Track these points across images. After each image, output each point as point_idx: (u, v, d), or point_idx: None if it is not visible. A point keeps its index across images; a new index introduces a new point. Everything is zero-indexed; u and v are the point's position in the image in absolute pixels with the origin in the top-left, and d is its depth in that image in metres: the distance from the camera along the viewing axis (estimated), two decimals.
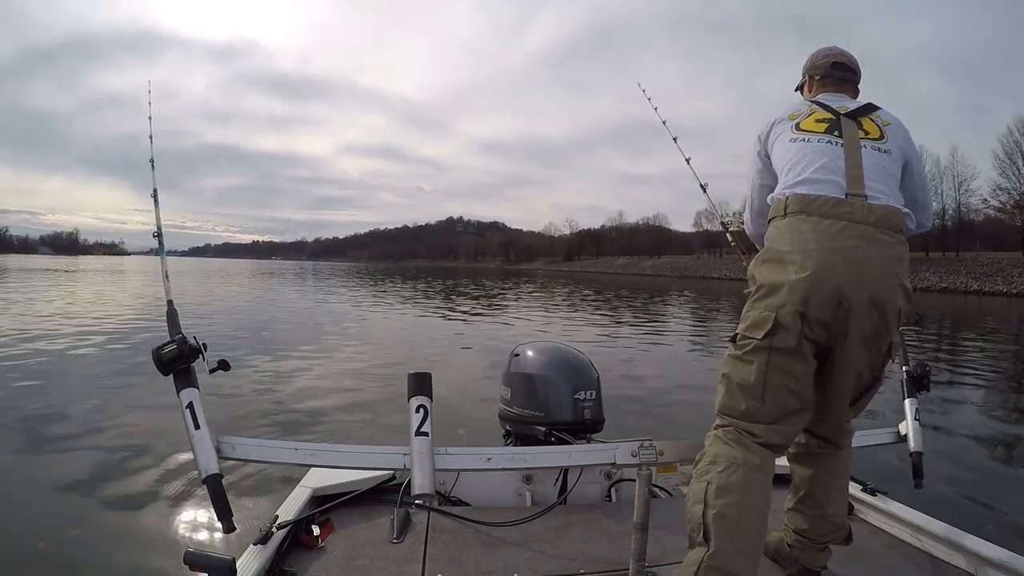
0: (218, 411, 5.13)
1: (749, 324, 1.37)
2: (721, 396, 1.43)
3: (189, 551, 1.28)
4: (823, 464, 1.55)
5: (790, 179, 1.45)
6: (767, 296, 1.36)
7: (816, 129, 1.50)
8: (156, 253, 1.89)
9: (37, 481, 3.56)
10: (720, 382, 1.45)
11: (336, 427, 4.93)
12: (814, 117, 1.53)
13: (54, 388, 5.95)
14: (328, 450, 1.57)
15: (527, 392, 2.17)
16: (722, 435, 1.39)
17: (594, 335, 11.74)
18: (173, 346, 1.46)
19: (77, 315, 12.41)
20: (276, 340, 9.91)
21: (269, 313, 15.20)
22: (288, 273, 53.10)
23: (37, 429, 4.57)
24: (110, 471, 3.77)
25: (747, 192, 1.74)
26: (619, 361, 8.46)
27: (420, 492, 1.43)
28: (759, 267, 1.42)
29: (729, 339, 1.44)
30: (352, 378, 6.81)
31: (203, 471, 1.37)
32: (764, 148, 1.63)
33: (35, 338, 8.94)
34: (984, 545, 1.62)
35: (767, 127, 1.61)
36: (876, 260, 1.32)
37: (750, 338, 1.36)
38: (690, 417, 5.53)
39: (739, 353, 1.39)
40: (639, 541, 1.43)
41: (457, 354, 9.31)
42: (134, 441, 4.31)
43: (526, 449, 1.85)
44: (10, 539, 2.85)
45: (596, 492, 2.14)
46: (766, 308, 1.34)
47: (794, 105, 1.63)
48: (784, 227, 1.40)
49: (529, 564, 1.60)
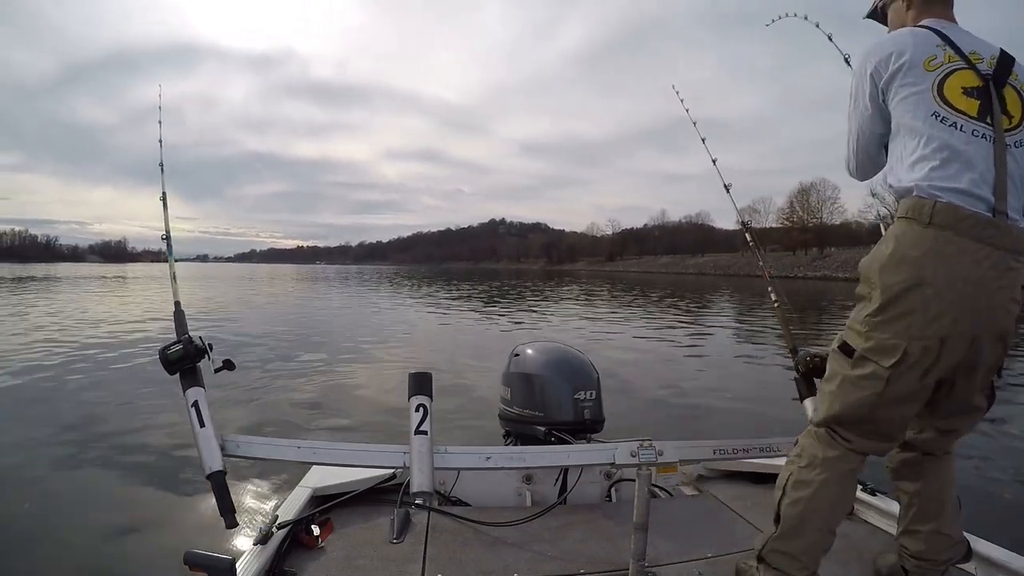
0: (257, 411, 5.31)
1: (874, 347, 1.28)
2: (825, 410, 1.40)
3: (189, 551, 1.30)
4: (932, 472, 1.51)
5: (936, 175, 1.26)
6: (898, 320, 1.25)
7: (967, 109, 1.28)
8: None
9: (38, 480, 3.65)
10: (824, 392, 1.42)
11: (356, 427, 5.01)
12: (959, 79, 1.30)
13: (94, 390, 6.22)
14: (329, 448, 1.62)
15: (527, 392, 2.18)
16: (814, 432, 1.42)
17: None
18: (179, 346, 1.54)
19: (125, 320, 12.92)
20: (305, 343, 10.11)
21: (309, 315, 15.55)
22: (332, 278, 53.96)
23: (51, 428, 4.73)
24: (111, 471, 3.86)
25: (849, 130, 1.51)
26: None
27: (419, 490, 1.46)
28: (887, 274, 1.27)
29: (838, 348, 1.37)
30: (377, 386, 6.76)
31: (207, 468, 1.44)
32: (880, 92, 1.39)
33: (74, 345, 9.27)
34: (984, 545, 1.60)
35: (886, 65, 1.35)
36: (1007, 290, 1.24)
37: (872, 361, 1.28)
38: (687, 417, 5.53)
39: (855, 374, 1.32)
40: (639, 541, 1.44)
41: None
42: (137, 441, 4.42)
43: (526, 449, 1.87)
44: (10, 537, 2.92)
45: (596, 492, 2.13)
46: (896, 335, 1.25)
47: (916, 38, 1.36)
48: (927, 242, 1.24)
49: (529, 564, 1.60)
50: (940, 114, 1.28)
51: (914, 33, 1.39)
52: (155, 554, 2.77)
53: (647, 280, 51.31)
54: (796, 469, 1.40)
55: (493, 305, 20.22)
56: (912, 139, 1.31)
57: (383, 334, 11.66)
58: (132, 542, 2.92)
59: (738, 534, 1.80)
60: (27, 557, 2.78)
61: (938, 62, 1.32)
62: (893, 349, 1.25)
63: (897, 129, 1.37)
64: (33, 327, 11.32)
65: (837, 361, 1.38)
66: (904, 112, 1.33)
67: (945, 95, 1.29)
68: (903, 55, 1.34)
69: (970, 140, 1.26)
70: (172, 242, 1.87)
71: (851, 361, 1.33)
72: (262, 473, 3.58)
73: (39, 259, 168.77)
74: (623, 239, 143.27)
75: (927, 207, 1.24)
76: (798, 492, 1.37)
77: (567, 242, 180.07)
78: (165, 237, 1.89)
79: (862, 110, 1.45)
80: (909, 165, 1.31)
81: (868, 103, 1.42)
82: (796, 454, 1.44)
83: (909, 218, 1.28)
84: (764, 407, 5.87)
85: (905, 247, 1.27)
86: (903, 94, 1.33)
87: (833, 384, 1.39)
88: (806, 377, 1.99)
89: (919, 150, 1.29)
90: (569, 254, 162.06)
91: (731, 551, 1.66)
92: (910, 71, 1.32)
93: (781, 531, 1.38)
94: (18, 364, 7.48)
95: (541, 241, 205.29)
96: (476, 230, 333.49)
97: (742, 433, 3.30)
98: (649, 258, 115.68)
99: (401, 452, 1.53)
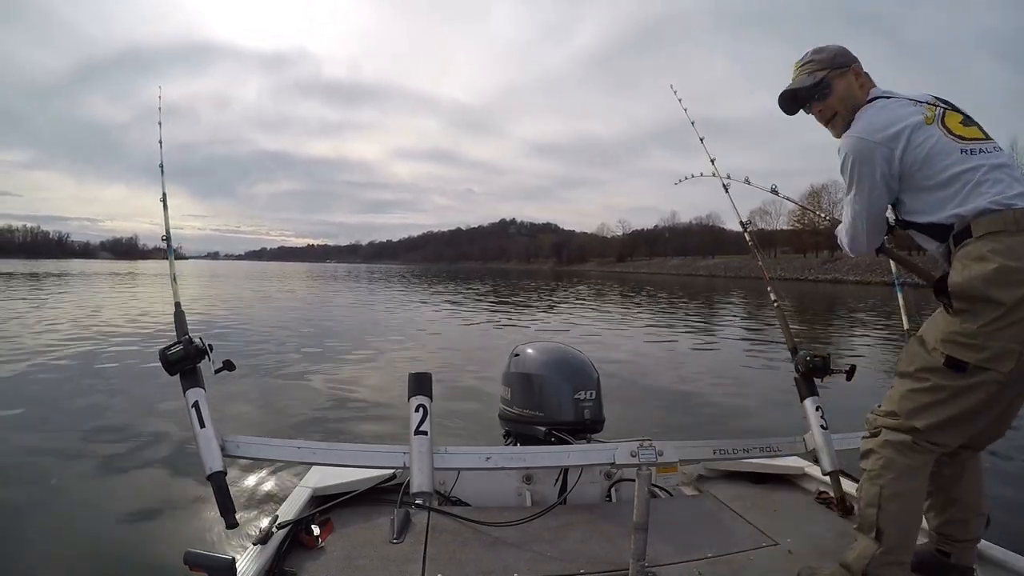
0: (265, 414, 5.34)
1: (990, 356, 1.32)
2: (918, 415, 1.43)
3: (189, 551, 1.30)
4: (971, 468, 1.61)
5: (995, 190, 1.37)
6: (1011, 327, 1.30)
7: (975, 136, 1.46)
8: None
9: (38, 479, 3.67)
10: (913, 398, 1.45)
11: (356, 427, 5.04)
12: (951, 119, 1.48)
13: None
14: (329, 448, 1.64)
15: (527, 392, 2.18)
16: (896, 441, 1.44)
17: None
18: (179, 347, 1.55)
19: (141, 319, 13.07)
20: (313, 342, 10.19)
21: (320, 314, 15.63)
22: (341, 276, 54.16)
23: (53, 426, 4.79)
24: (111, 470, 3.88)
25: (855, 212, 1.58)
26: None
27: (419, 490, 1.47)
28: (999, 288, 1.31)
29: (945, 364, 1.38)
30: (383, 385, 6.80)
31: (208, 468, 1.46)
32: (896, 169, 1.48)
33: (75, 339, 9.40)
34: (984, 544, 1.60)
35: (898, 140, 1.46)
36: None
37: (991, 370, 1.33)
38: (691, 417, 5.52)
39: (970, 383, 1.36)
40: (639, 541, 1.43)
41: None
42: (137, 440, 4.45)
43: (525, 449, 1.88)
44: (10, 536, 2.94)
45: (596, 492, 2.13)
46: (1011, 341, 1.31)
47: (897, 107, 1.52)
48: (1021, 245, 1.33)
49: (529, 564, 1.60)
50: (965, 148, 1.43)
51: (885, 105, 1.53)
52: (155, 554, 2.78)
53: (658, 282, 51.22)
54: (887, 482, 1.42)
55: (505, 304, 20.25)
56: (947, 172, 1.43)
57: (388, 334, 11.74)
58: (132, 542, 2.94)
59: (738, 534, 1.79)
60: (27, 556, 2.79)
61: (929, 116, 1.48)
62: (1010, 354, 1.31)
63: (911, 181, 1.47)
64: (46, 325, 11.48)
65: (941, 375, 1.40)
66: (933, 162, 1.44)
67: (955, 133, 1.45)
68: (900, 120, 1.47)
69: (994, 157, 1.43)
70: (183, 240, 1.89)
71: (965, 374, 1.36)
72: (262, 473, 3.59)
73: (51, 255, 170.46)
74: (633, 240, 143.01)
75: (1010, 216, 1.34)
76: (897, 504, 1.41)
77: (577, 243, 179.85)
78: (165, 238, 1.90)
79: (868, 191, 1.52)
80: (962, 197, 1.40)
81: (877, 182, 1.50)
82: (881, 466, 1.45)
83: (997, 232, 1.35)
84: (765, 407, 5.88)
85: (1008, 258, 1.32)
86: (924, 151, 1.44)
87: (934, 392, 1.41)
88: (806, 377, 1.99)
89: (967, 177, 1.41)
90: (579, 255, 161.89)
91: (731, 551, 1.66)
92: (917, 131, 1.45)
93: (887, 546, 1.40)
94: (22, 361, 7.58)
95: (551, 241, 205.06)
96: (486, 230, 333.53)
97: (742, 433, 3.29)
98: (659, 259, 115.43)
99: (401, 452, 1.54)
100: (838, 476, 1.90)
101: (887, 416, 1.49)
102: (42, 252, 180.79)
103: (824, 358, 1.99)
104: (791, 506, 2.02)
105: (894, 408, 1.48)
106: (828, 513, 1.95)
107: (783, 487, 2.23)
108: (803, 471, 2.25)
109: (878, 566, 1.40)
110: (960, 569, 1.56)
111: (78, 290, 23.23)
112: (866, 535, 1.44)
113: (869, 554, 1.42)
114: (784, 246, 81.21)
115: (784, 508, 1.99)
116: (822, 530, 1.82)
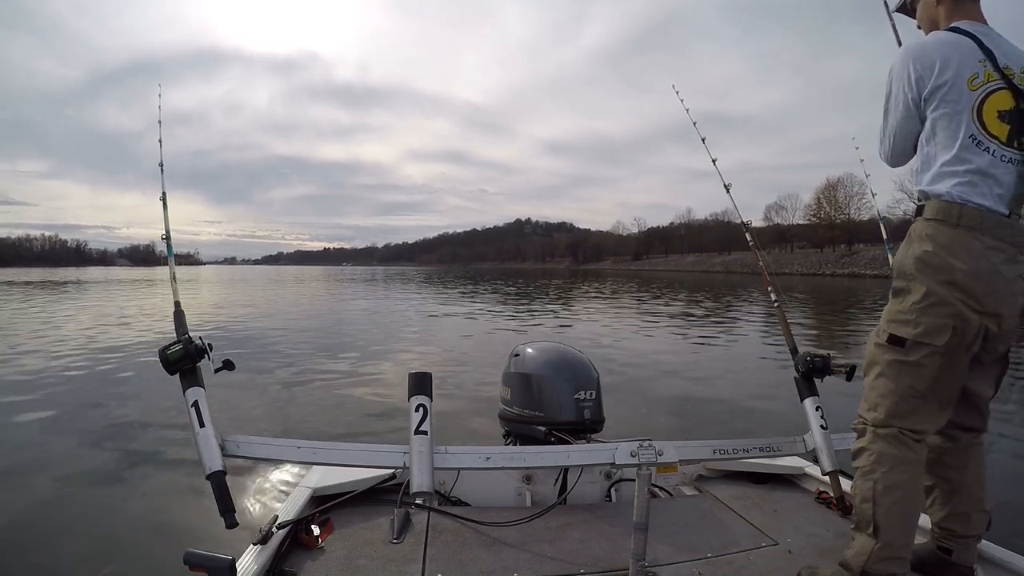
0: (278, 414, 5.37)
1: (925, 331, 1.41)
2: (886, 403, 1.48)
3: (189, 550, 1.29)
4: (975, 456, 1.60)
5: (965, 189, 1.40)
6: (940, 305, 1.40)
7: (999, 135, 1.40)
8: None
9: (38, 478, 3.72)
10: (876, 387, 1.50)
11: (356, 427, 5.05)
12: (996, 102, 1.40)
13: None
14: (329, 448, 1.64)
15: (527, 392, 2.17)
16: (883, 434, 1.47)
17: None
18: (179, 346, 1.56)
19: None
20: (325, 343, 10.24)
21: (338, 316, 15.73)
22: (358, 280, 54.38)
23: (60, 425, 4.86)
24: (111, 470, 3.92)
25: (888, 129, 1.58)
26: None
27: (419, 490, 1.48)
28: (926, 269, 1.42)
29: (887, 342, 1.47)
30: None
31: (207, 468, 1.47)
32: (921, 97, 1.46)
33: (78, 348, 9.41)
34: (984, 544, 1.59)
35: (929, 75, 1.43)
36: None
37: (926, 344, 1.41)
38: (689, 417, 5.47)
39: (911, 359, 1.44)
40: (639, 541, 1.43)
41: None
42: (137, 440, 4.50)
43: (525, 449, 1.88)
44: (10, 536, 2.98)
45: (596, 492, 2.12)
46: (941, 316, 1.39)
47: (960, 51, 1.43)
48: (957, 240, 1.40)
49: (529, 564, 1.59)
50: (976, 137, 1.41)
51: (957, 43, 1.45)
52: (155, 554, 2.79)
53: (675, 278, 50.87)
54: (880, 476, 1.44)
55: (528, 302, 20.22)
56: (946, 152, 1.43)
57: (398, 334, 11.80)
58: (132, 542, 2.95)
59: (738, 534, 1.78)
60: (26, 556, 2.82)
61: (979, 81, 1.41)
62: (943, 328, 1.39)
63: (932, 134, 1.47)
64: (56, 331, 11.65)
65: (888, 353, 1.48)
66: (942, 127, 1.44)
67: (983, 118, 1.41)
68: (947, 69, 1.42)
69: (998, 164, 1.40)
70: (199, 245, 1.93)
71: (904, 349, 1.44)
72: (262, 473, 3.60)
73: (70, 263, 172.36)
74: (648, 238, 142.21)
75: (953, 211, 1.40)
76: (892, 496, 1.42)
77: (593, 241, 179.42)
78: (165, 237, 1.91)
79: (901, 111, 1.52)
80: (940, 174, 1.44)
81: (908, 106, 1.50)
82: (872, 461, 1.46)
83: (940, 220, 1.42)
84: (765, 407, 5.83)
85: (938, 245, 1.41)
86: (944, 110, 1.43)
87: (887, 376, 1.48)
88: (806, 377, 1.98)
89: (952, 165, 1.42)
90: (595, 253, 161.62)
91: (731, 551, 1.65)
92: (952, 89, 1.42)
93: (884, 540, 1.40)
94: (33, 366, 7.70)
95: (567, 240, 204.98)
96: (502, 230, 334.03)
97: (742, 433, 3.27)
98: (676, 256, 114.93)
99: (401, 452, 1.55)
100: (838, 476, 1.89)
101: (868, 412, 1.52)
102: (61, 260, 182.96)
103: (824, 358, 1.98)
104: (791, 506, 2.00)
105: (869, 404, 1.52)
106: (828, 513, 1.94)
107: (783, 487, 2.21)
108: (803, 471, 2.24)
109: (876, 562, 1.39)
110: (961, 568, 1.54)
111: (98, 296, 23.57)
112: (863, 532, 1.44)
113: (867, 550, 1.41)
114: (801, 241, 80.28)
115: (784, 508, 1.98)
116: (822, 530, 1.80)
